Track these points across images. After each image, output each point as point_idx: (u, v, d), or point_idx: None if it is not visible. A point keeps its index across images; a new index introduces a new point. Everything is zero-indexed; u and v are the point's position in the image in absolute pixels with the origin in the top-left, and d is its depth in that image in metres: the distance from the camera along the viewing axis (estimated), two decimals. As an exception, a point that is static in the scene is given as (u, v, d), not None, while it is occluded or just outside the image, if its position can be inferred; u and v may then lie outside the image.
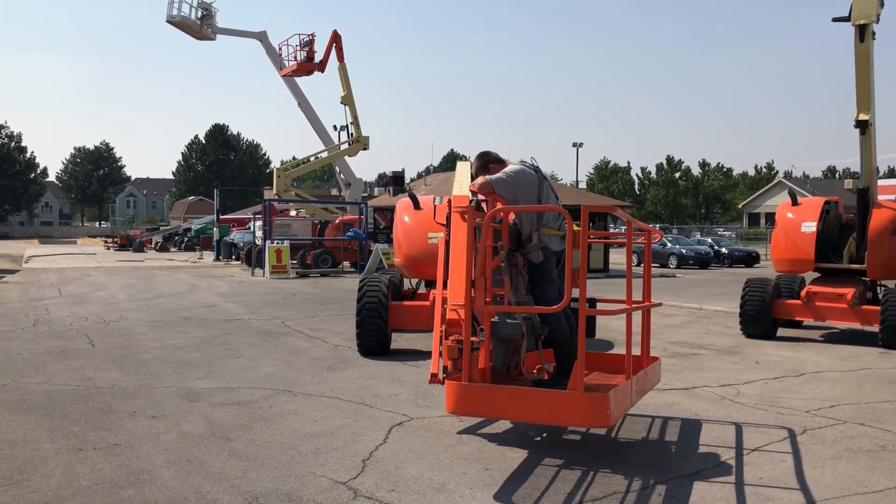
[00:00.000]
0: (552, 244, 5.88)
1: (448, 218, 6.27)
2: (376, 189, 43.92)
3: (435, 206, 9.30)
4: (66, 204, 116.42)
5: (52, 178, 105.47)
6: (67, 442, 5.75)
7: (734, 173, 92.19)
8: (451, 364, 5.35)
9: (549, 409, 4.89)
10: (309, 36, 31.65)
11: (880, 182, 12.66)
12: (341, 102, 31.80)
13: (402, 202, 10.83)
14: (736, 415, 6.81)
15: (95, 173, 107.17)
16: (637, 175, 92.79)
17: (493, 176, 5.92)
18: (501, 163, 6.21)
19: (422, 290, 11.13)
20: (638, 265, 32.75)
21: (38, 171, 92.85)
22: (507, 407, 5.05)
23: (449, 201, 6.40)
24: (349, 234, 27.61)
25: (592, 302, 7.31)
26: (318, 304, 16.51)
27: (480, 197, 6.23)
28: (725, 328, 12.74)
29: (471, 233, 5.31)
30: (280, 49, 32.66)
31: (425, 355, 9.73)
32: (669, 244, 34.11)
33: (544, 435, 6.11)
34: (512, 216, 5.96)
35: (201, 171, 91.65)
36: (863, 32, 10.76)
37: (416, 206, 10.40)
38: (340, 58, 31.37)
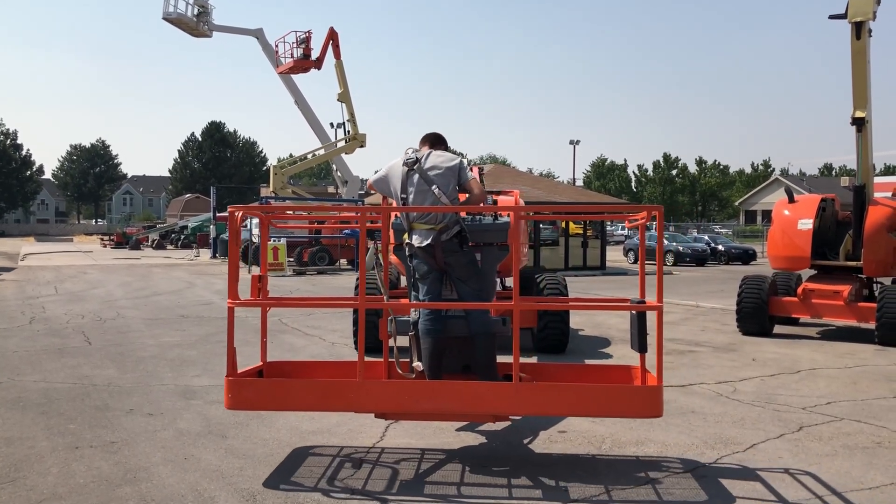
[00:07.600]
0: (415, 239, 5.42)
1: None
2: (373, 186, 43.91)
3: None
4: (63, 202, 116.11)
5: (48, 175, 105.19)
6: (64, 440, 5.74)
7: (731, 171, 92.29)
8: None
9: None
10: (305, 33, 31.63)
11: (876, 179, 12.66)
12: (338, 100, 31.79)
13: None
14: (732, 412, 6.82)
15: (92, 171, 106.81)
16: (634, 172, 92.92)
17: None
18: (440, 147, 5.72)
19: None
20: (634, 263, 32.88)
21: (34, 169, 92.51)
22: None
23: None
24: (346, 231, 27.57)
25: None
26: (315, 301, 16.48)
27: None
28: (722, 325, 12.76)
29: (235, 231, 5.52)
30: (276, 46, 32.64)
31: (422, 353, 9.72)
32: (666, 241, 34.18)
33: (541, 433, 6.11)
34: (394, 214, 5.70)
35: (198, 169, 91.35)
36: (859, 30, 10.77)
37: None
38: (337, 55, 31.33)
